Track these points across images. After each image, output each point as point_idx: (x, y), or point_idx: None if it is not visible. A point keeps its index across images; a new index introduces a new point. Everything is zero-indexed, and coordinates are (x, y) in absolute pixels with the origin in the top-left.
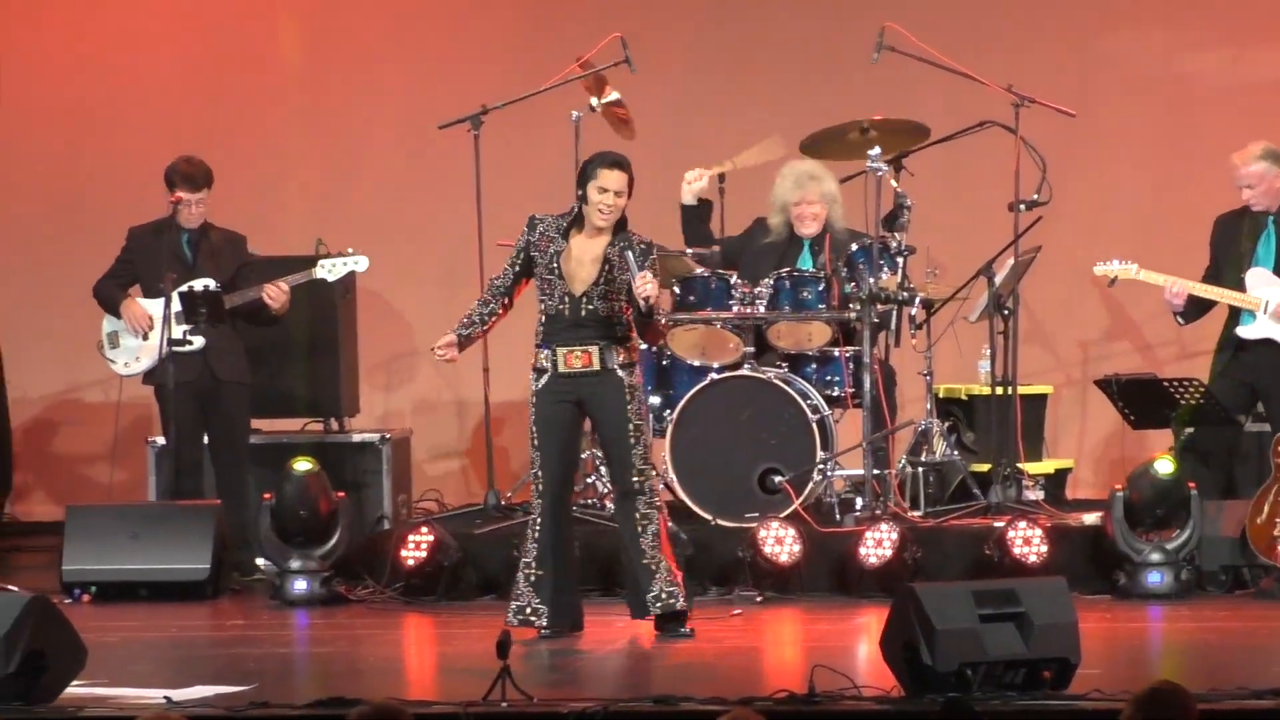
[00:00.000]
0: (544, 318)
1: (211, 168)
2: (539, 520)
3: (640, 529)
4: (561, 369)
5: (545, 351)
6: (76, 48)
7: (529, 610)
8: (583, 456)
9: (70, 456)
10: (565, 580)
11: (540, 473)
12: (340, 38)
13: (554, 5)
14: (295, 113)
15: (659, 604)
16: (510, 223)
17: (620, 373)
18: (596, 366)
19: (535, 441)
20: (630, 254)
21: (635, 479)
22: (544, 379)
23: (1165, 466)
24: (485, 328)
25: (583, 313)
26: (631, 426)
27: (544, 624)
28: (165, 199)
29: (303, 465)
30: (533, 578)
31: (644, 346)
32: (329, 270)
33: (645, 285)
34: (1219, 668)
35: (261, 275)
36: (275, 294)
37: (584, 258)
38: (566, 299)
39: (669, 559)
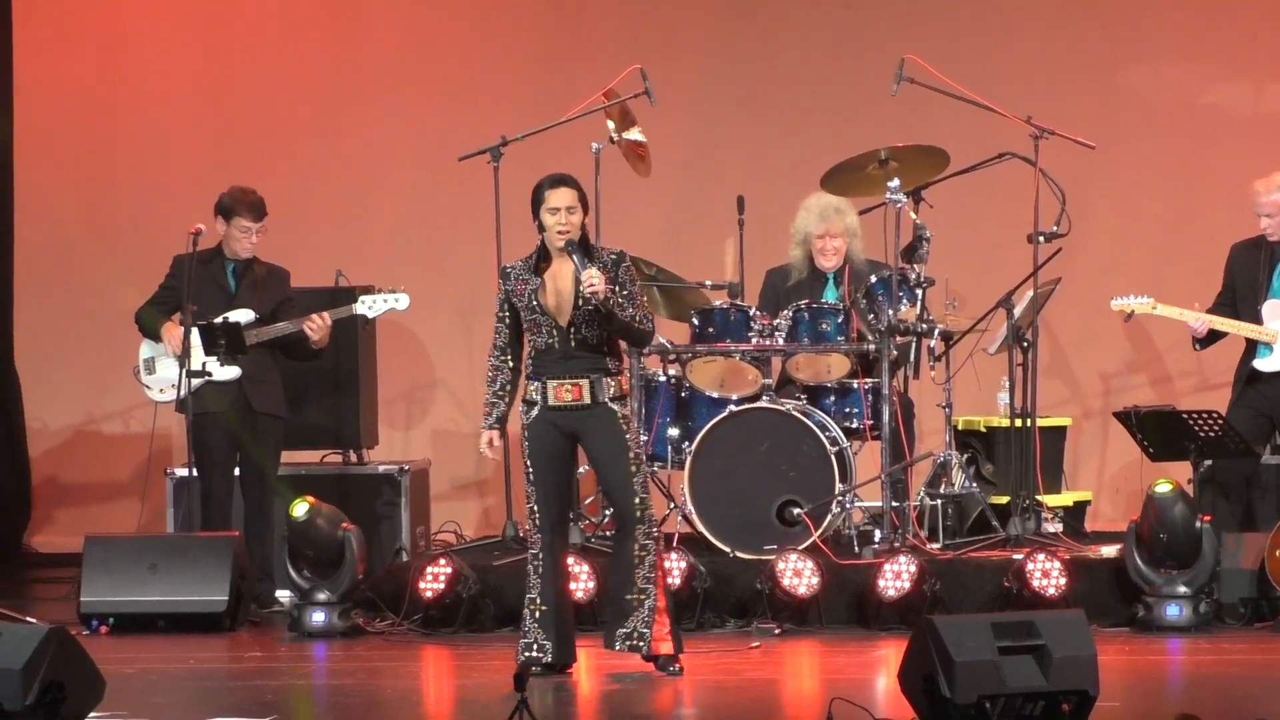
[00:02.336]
0: (534, 352)
1: None
2: (540, 556)
3: (638, 559)
4: (552, 402)
5: (535, 384)
6: (99, 80)
7: (535, 647)
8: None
9: (89, 488)
10: (566, 614)
11: (537, 508)
12: (360, 69)
13: (574, 38)
14: (315, 144)
15: (627, 642)
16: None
17: (612, 405)
18: (587, 400)
19: (530, 476)
20: (575, 255)
21: (637, 508)
22: (534, 411)
23: (1162, 487)
24: (510, 398)
25: (573, 343)
26: (631, 455)
27: (549, 659)
28: (187, 231)
29: (300, 508)
30: (538, 614)
31: (637, 358)
32: (369, 307)
33: (591, 279)
34: (1238, 700)
35: (303, 310)
36: (317, 325)
37: (561, 288)
38: (555, 333)
39: (659, 595)
